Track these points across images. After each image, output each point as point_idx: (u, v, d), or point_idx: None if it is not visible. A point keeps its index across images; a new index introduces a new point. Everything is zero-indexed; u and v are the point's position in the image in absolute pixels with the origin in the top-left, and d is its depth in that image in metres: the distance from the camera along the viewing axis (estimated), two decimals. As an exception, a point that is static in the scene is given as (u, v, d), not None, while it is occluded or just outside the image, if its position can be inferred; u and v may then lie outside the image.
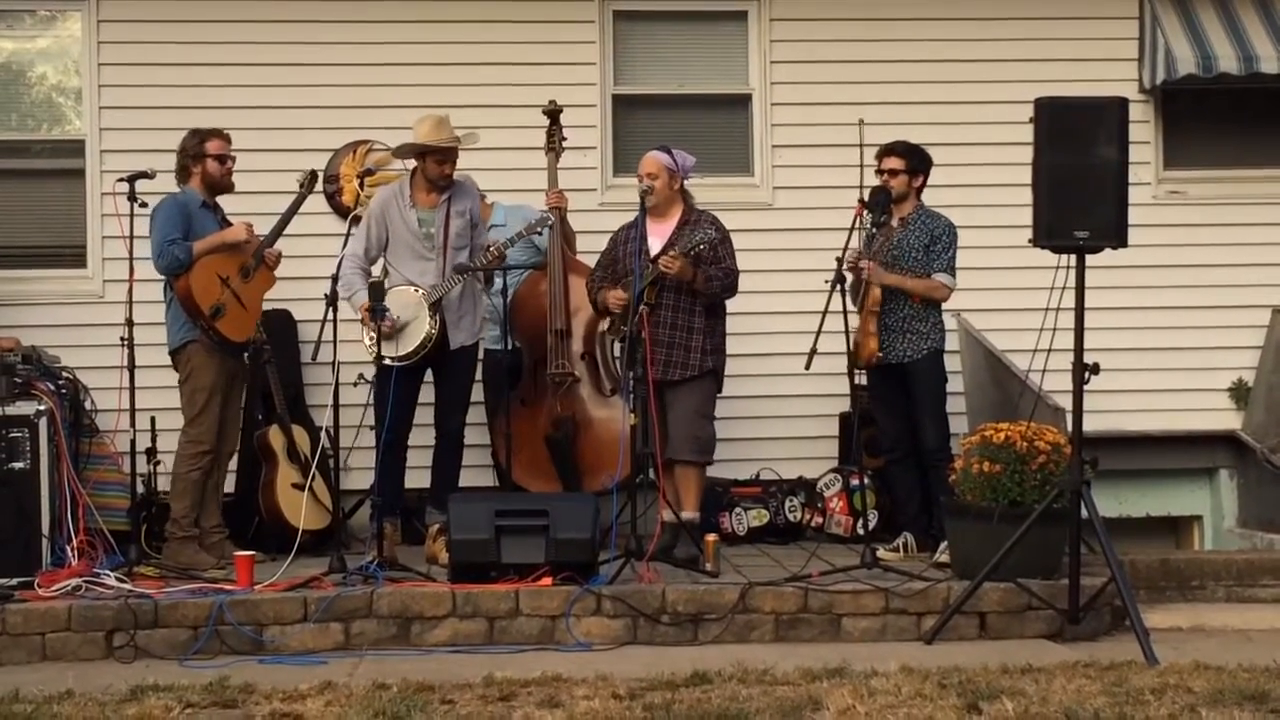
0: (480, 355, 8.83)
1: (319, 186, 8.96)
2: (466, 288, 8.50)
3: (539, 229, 8.48)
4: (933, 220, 8.38)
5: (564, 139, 9.18)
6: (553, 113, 9.14)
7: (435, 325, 8.30)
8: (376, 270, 8.51)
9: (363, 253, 8.43)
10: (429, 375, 8.64)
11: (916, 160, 8.43)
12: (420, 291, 8.33)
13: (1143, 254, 8.36)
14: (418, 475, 8.75)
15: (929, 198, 8.52)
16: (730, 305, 8.59)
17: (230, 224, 8.31)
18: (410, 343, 8.28)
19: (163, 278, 8.19)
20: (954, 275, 8.35)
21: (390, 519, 8.43)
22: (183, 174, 8.27)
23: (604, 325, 8.67)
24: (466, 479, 8.93)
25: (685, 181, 8.39)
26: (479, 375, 8.92)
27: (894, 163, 8.42)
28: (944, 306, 8.46)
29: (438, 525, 8.33)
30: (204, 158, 8.23)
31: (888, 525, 8.87)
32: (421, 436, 8.74)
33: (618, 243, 8.42)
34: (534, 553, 7.39)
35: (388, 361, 8.14)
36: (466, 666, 6.58)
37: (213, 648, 7.07)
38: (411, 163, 8.58)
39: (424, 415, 8.74)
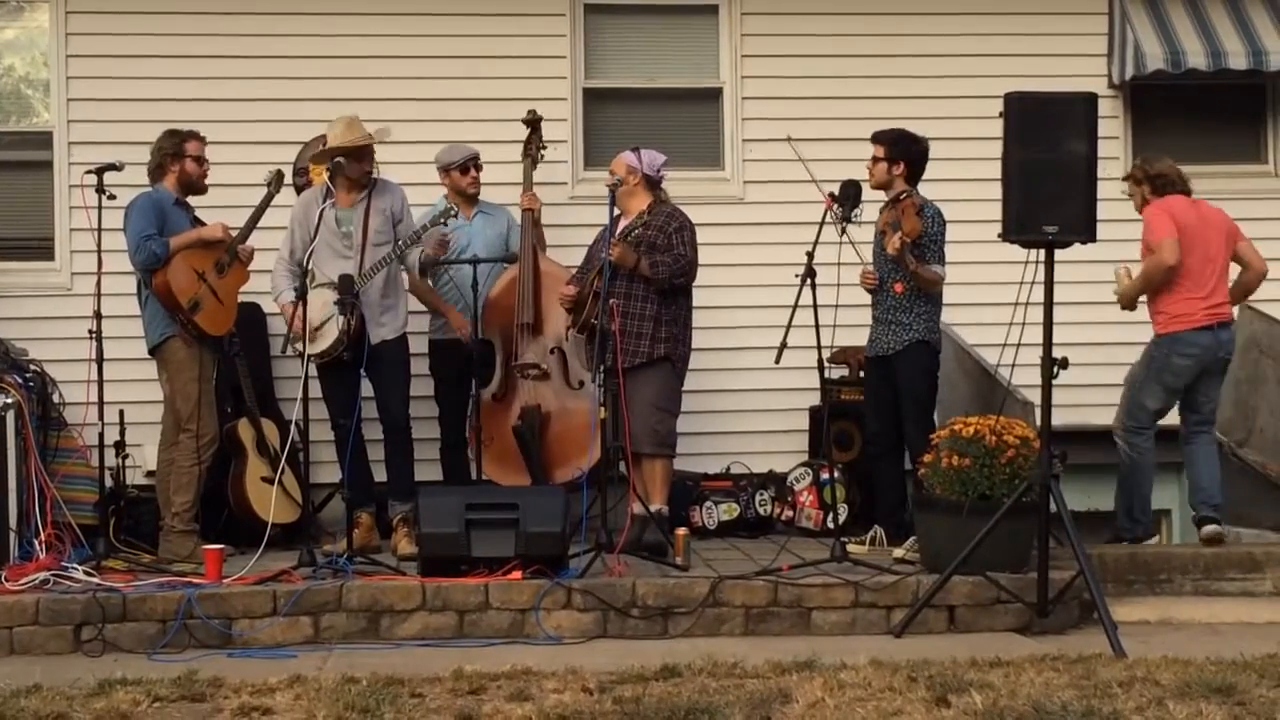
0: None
1: (288, 179, 8.97)
2: (389, 283, 8.47)
3: (442, 220, 8.41)
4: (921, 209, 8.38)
5: (544, 147, 9.18)
6: (533, 121, 9.16)
7: (346, 324, 8.17)
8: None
9: (288, 255, 8.47)
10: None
11: (897, 149, 8.44)
12: (337, 277, 8.26)
13: (1112, 249, 8.38)
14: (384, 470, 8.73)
15: (900, 188, 8.55)
16: (700, 299, 8.61)
17: (202, 222, 8.32)
18: (326, 340, 8.25)
19: (132, 272, 8.18)
20: (944, 265, 8.40)
21: (366, 511, 8.44)
22: (158, 172, 8.27)
23: (569, 321, 8.67)
24: (432, 473, 8.92)
25: (658, 179, 8.49)
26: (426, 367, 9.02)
27: (875, 150, 8.45)
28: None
29: (399, 516, 8.36)
30: (183, 158, 8.25)
31: (857, 519, 8.89)
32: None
33: (596, 241, 8.56)
34: (504, 546, 7.40)
35: (313, 358, 8.17)
36: (436, 660, 6.58)
37: (181, 641, 7.06)
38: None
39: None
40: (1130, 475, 8.55)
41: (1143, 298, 8.53)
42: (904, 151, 8.47)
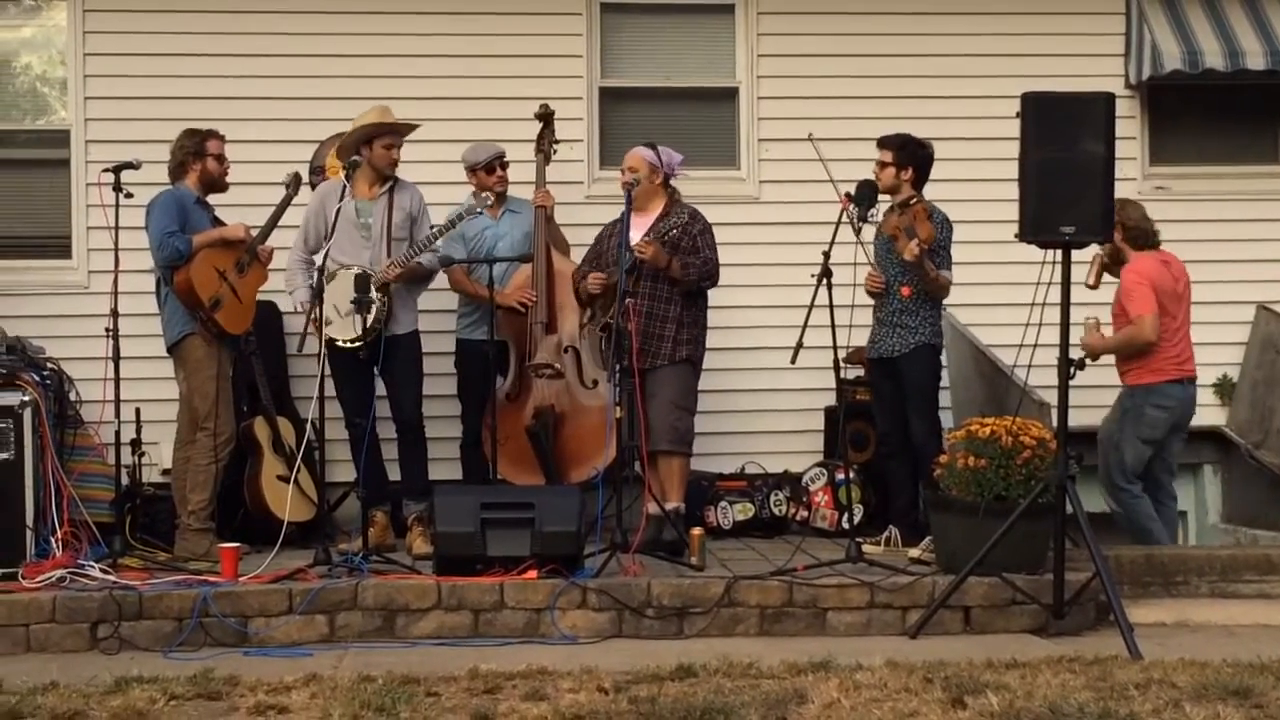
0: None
1: (305, 178, 8.98)
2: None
3: (468, 216, 8.43)
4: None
5: (556, 142, 9.16)
6: (545, 116, 9.14)
7: (384, 304, 8.24)
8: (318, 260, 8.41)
9: (302, 243, 8.50)
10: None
11: (904, 154, 8.43)
12: (359, 270, 8.27)
13: (1128, 249, 8.41)
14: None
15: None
16: (716, 298, 8.60)
17: (222, 222, 8.35)
18: (353, 327, 8.23)
19: (150, 270, 8.21)
20: (951, 270, 8.39)
21: (381, 509, 8.45)
22: (179, 170, 8.31)
23: (584, 316, 8.66)
24: (446, 472, 8.92)
25: (673, 178, 8.49)
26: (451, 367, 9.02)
27: (882, 155, 8.45)
28: (929, 300, 8.48)
29: (414, 515, 8.37)
30: (204, 156, 8.29)
31: (872, 520, 8.89)
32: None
33: (603, 237, 8.53)
34: (520, 545, 7.40)
35: (341, 344, 8.20)
36: (451, 659, 6.58)
37: (197, 640, 7.06)
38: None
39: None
40: (1132, 525, 8.59)
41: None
42: (911, 156, 8.46)
